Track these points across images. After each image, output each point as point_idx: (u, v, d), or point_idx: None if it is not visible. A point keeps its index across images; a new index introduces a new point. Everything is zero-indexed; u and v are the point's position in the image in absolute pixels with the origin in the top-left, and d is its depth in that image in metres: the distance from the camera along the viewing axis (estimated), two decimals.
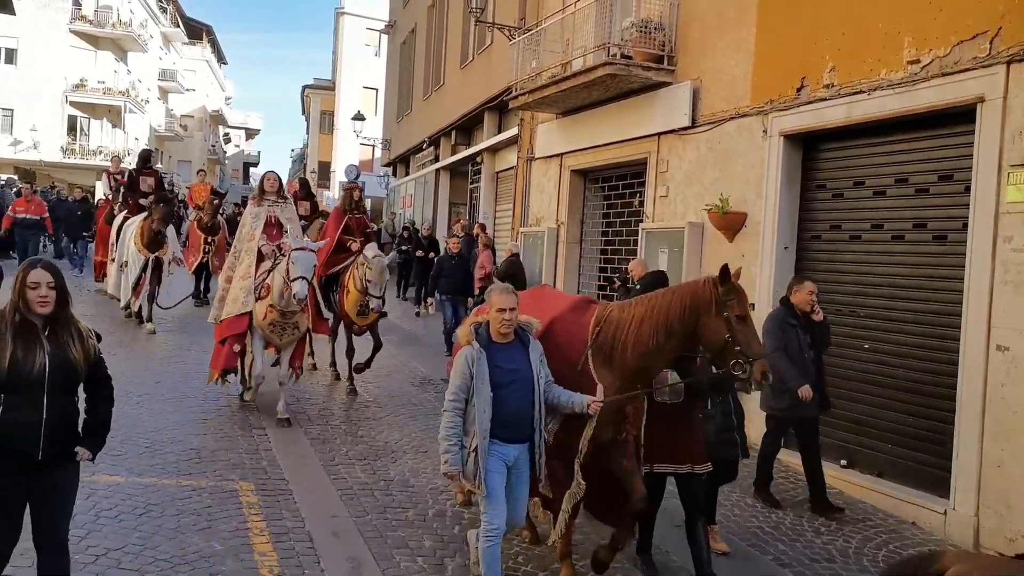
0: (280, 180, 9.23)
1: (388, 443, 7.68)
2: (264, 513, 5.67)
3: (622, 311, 4.72)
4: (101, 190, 20.15)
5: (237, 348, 8.26)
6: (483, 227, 16.23)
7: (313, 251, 7.88)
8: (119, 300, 13.01)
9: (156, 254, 12.11)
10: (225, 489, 6.09)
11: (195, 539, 5.13)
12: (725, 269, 4.50)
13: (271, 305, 7.94)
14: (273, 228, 8.58)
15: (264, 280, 8.16)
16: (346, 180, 31.42)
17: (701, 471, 5.03)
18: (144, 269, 12.07)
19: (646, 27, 10.16)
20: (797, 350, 6.36)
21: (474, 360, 4.36)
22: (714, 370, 4.85)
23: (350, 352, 9.68)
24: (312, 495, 6.10)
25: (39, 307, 3.55)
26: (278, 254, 8.19)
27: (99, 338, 3.83)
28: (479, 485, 4.36)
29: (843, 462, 7.44)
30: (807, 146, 8.25)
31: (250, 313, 8.14)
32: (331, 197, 35.92)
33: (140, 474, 6.19)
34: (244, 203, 33.40)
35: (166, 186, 15.08)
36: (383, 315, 9.55)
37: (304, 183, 12.62)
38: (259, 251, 8.39)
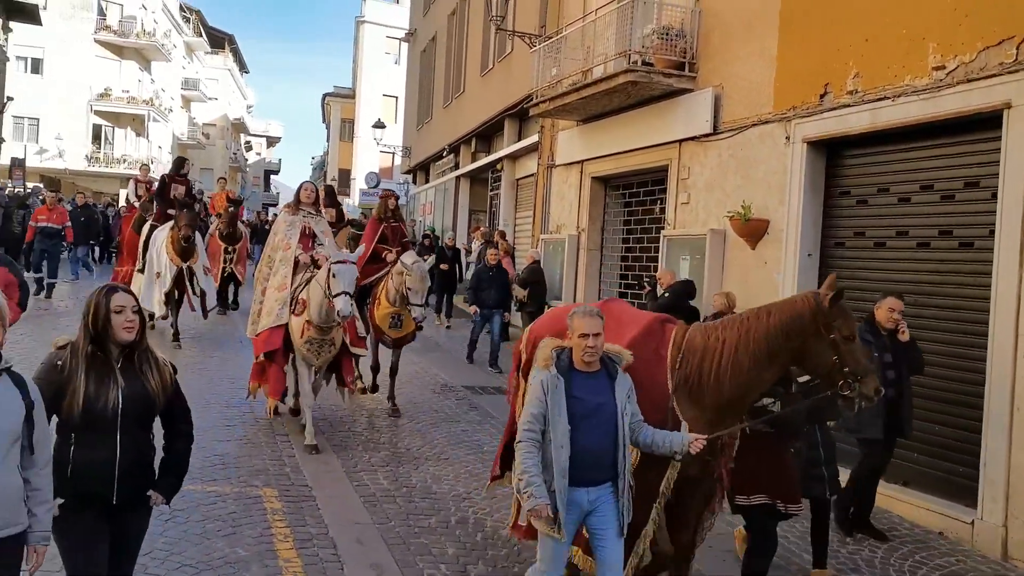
0: (317, 192, 8.96)
1: (410, 450, 7.70)
2: (288, 519, 5.70)
3: (707, 337, 4.26)
4: (125, 196, 19.90)
5: (286, 368, 8.00)
6: (503, 234, 16.27)
7: (354, 263, 7.39)
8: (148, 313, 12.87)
9: (188, 263, 11.64)
10: (249, 495, 6.13)
11: (220, 544, 5.16)
12: (840, 292, 4.12)
13: (308, 321, 7.47)
14: (308, 240, 8.29)
15: (299, 294, 7.74)
16: (367, 187, 31.65)
17: (795, 510, 4.60)
18: (177, 279, 11.61)
19: (667, 34, 10.17)
20: None
21: (550, 388, 3.82)
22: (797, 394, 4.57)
23: (375, 367, 9.48)
24: (335, 501, 6.12)
25: (126, 333, 3.29)
26: (312, 266, 7.85)
27: (175, 369, 3.55)
28: (559, 531, 3.81)
29: None
30: (831, 152, 8.21)
31: (286, 326, 7.74)
32: (352, 204, 36.11)
33: None
34: (266, 210, 33.47)
35: (194, 194, 14.82)
36: (419, 328, 9.15)
37: (330, 190, 12.47)
38: (296, 260, 8.08)
